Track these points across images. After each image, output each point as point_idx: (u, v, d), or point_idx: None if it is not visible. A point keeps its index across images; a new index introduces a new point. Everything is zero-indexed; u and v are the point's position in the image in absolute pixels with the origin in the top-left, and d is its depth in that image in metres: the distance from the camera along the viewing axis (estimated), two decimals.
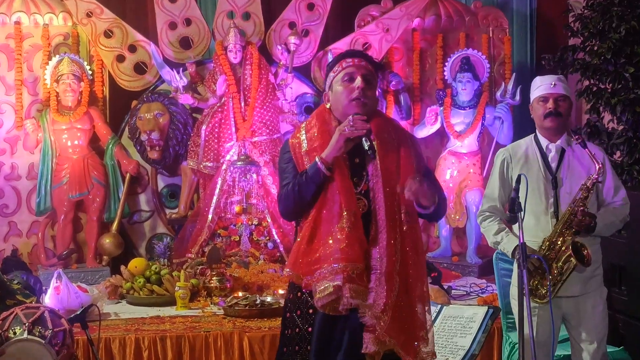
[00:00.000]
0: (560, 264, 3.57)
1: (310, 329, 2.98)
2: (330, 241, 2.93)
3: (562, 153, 3.71)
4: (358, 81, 3.02)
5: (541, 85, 3.76)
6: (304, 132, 3.13)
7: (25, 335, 3.30)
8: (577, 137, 3.62)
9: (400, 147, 3.09)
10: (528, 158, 3.75)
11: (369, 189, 3.04)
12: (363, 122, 2.96)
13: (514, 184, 3.56)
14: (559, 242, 3.58)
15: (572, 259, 3.53)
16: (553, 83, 3.72)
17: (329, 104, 3.16)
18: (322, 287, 2.88)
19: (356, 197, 3.01)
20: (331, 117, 3.12)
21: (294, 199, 3.02)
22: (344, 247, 2.90)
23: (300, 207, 3.04)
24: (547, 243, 3.62)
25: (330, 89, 3.15)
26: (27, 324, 3.33)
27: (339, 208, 2.96)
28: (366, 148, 2.95)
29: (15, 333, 3.31)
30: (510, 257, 3.66)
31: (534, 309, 3.52)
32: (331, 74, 3.14)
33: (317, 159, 3.00)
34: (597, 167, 3.56)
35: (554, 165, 3.71)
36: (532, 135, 3.83)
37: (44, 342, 3.29)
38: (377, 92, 3.17)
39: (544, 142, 3.73)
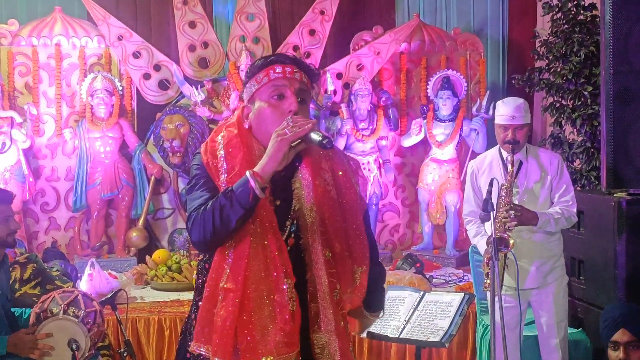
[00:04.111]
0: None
1: None
2: (270, 325, 1.95)
3: (520, 164, 3.70)
4: (291, 103, 2.02)
5: (503, 115, 3.69)
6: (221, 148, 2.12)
7: (60, 314, 3.30)
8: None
9: (338, 186, 2.06)
10: (492, 168, 3.77)
11: (296, 244, 2.03)
12: (304, 119, 1.97)
13: (483, 190, 3.68)
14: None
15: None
16: (512, 115, 3.64)
17: (247, 123, 2.10)
18: None
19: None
20: (252, 141, 2.08)
21: (213, 225, 1.93)
22: (289, 330, 1.97)
23: (223, 235, 1.96)
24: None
25: (252, 103, 2.10)
26: (62, 305, 3.32)
27: (281, 274, 1.97)
28: (319, 139, 1.91)
29: (52, 312, 3.32)
30: (483, 254, 3.66)
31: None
32: (253, 83, 2.07)
33: (247, 174, 1.92)
34: (509, 172, 3.57)
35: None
36: (497, 147, 3.82)
37: (77, 320, 3.29)
38: (310, 108, 2.13)
39: (505, 154, 3.72)
